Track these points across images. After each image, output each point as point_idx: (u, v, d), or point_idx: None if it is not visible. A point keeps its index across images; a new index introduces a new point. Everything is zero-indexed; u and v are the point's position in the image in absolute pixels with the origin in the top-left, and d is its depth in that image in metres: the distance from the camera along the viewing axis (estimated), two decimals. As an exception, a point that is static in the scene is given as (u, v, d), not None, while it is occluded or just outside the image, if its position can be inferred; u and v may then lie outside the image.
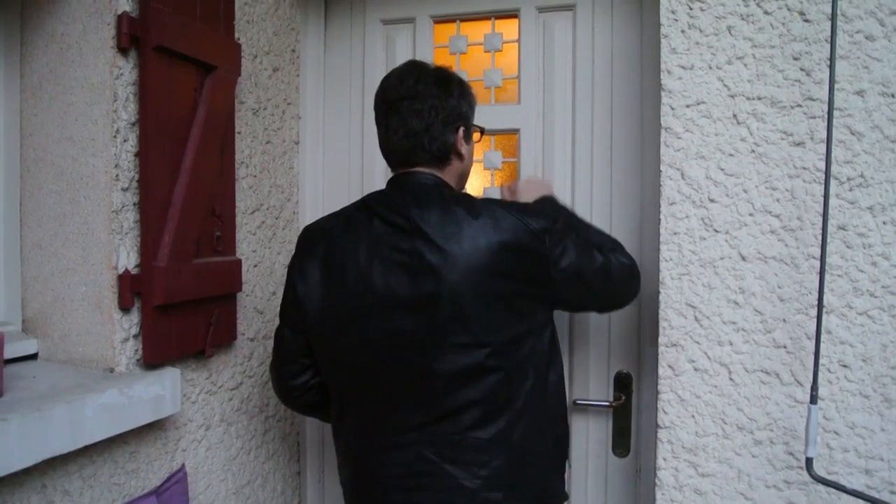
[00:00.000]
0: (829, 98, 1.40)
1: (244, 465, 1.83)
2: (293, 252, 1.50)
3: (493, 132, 2.01)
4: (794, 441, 1.51)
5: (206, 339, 1.60)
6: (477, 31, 2.11)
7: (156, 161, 1.45)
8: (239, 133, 1.77)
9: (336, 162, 2.19)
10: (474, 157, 1.59)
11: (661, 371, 1.58)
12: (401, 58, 2.09)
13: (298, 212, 2.08)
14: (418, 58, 1.72)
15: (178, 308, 1.50)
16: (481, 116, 1.69)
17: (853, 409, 1.48)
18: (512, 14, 2.03)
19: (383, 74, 2.18)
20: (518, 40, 2.02)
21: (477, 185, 2.11)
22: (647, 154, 1.81)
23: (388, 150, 1.46)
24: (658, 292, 1.58)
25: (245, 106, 1.81)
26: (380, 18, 2.12)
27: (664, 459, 1.59)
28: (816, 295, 1.47)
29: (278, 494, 1.99)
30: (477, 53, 2.11)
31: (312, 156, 2.14)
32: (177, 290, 1.48)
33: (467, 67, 2.10)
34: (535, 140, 1.98)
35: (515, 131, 2.00)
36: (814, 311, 1.49)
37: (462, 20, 2.10)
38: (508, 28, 2.06)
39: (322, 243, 1.43)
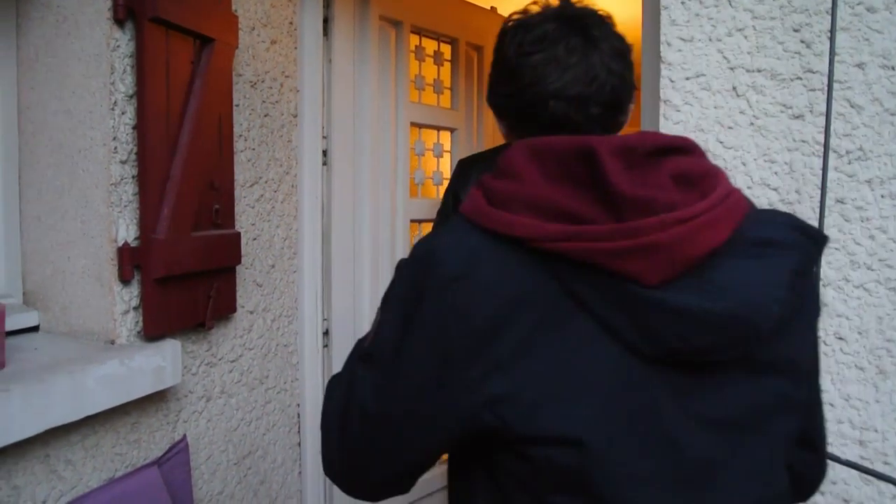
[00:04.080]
0: (829, 70, 1.39)
1: (245, 436, 1.85)
2: (289, 225, 1.50)
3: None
4: (788, 412, 1.52)
5: (206, 312, 1.61)
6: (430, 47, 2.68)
7: (154, 134, 1.44)
8: (237, 106, 1.77)
9: (337, 136, 2.19)
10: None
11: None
12: (389, 48, 2.19)
13: (297, 185, 2.08)
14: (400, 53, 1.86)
15: (177, 280, 1.51)
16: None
17: (848, 380, 1.49)
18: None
19: (377, 56, 2.29)
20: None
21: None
22: (647, 128, 1.80)
23: None
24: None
25: (243, 78, 1.80)
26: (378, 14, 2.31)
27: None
28: (813, 268, 1.47)
29: (278, 465, 2.02)
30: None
31: (311, 129, 2.13)
32: (176, 263, 1.48)
33: (426, 74, 2.62)
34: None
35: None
36: (810, 284, 1.49)
37: (423, 36, 2.59)
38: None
39: None
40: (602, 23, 0.94)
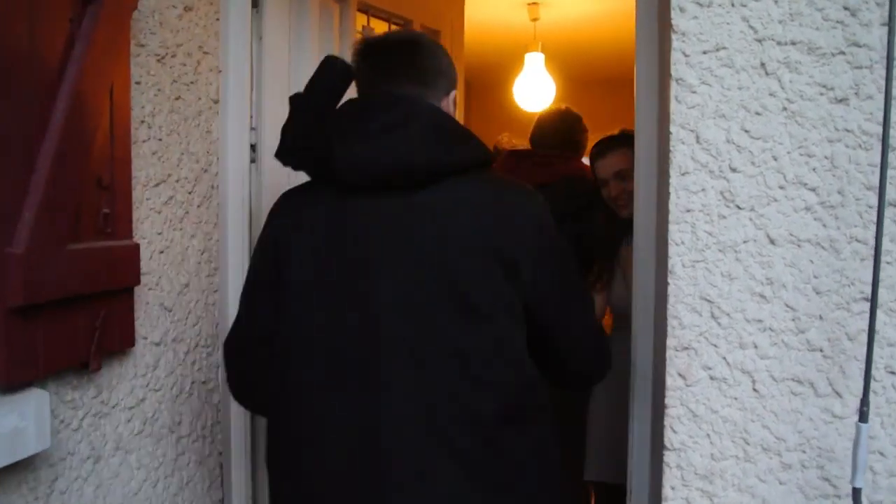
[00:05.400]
0: (890, 41, 1.12)
1: (149, 499, 1.47)
2: (209, 235, 1.17)
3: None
4: (830, 464, 1.25)
5: (90, 348, 1.24)
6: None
7: (10, 111, 1.07)
8: (137, 83, 1.40)
9: (269, 128, 1.84)
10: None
11: (669, 381, 1.29)
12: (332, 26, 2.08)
13: (218, 185, 1.71)
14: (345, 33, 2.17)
15: (47, 308, 1.13)
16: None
17: (903, 425, 1.22)
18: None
19: (318, 35, 1.99)
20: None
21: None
22: (659, 112, 1.51)
23: None
24: (667, 284, 1.29)
25: (146, 50, 1.43)
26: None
27: (672, 488, 1.30)
28: (859, 286, 1.21)
29: (195, 530, 1.64)
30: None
31: (236, 118, 1.77)
32: (44, 285, 1.11)
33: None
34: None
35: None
36: (856, 307, 1.22)
37: (371, 15, 2.35)
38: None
39: None
40: None
